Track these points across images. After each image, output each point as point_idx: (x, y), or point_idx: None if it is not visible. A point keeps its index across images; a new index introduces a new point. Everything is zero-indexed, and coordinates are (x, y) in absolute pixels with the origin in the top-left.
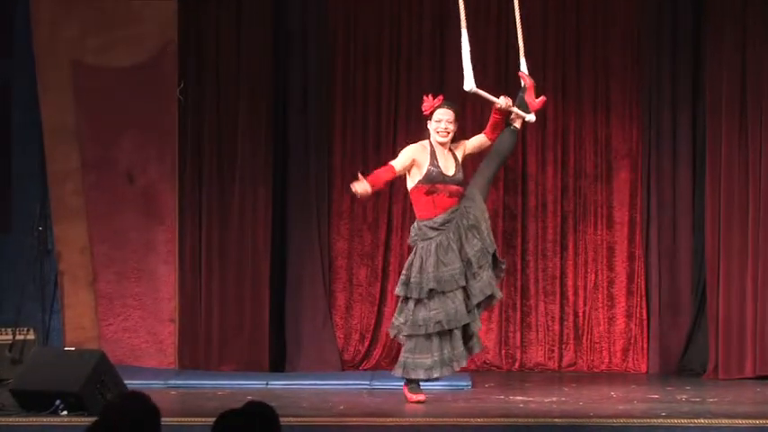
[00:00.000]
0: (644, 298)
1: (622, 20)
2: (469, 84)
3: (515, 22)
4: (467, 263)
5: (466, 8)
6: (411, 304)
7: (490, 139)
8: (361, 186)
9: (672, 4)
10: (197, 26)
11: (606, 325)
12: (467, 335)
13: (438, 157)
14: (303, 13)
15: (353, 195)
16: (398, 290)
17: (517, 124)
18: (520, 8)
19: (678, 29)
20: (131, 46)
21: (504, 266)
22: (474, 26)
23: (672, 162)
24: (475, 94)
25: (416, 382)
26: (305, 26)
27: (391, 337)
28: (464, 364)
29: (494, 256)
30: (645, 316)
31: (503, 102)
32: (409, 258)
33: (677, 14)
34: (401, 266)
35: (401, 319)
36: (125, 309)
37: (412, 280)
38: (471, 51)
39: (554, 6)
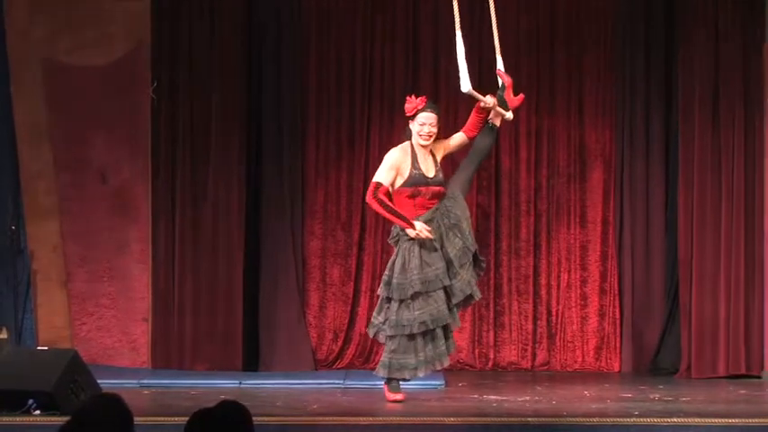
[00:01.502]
0: (617, 297)
1: (596, 20)
2: (466, 85)
3: (489, 23)
4: (449, 262)
5: (438, 9)
6: (394, 305)
7: (470, 138)
8: (416, 230)
9: (644, 5)
10: (170, 25)
11: (579, 324)
12: (446, 334)
13: (419, 160)
14: (276, 10)
15: (326, 196)
16: (381, 290)
17: (497, 122)
18: (495, 7)
19: (651, 29)
20: (104, 45)
21: (484, 265)
22: (446, 28)
23: (645, 161)
24: (470, 95)
25: (397, 380)
26: (279, 24)
27: (371, 336)
28: (446, 363)
29: (474, 254)
30: (618, 315)
31: (490, 101)
32: (391, 258)
33: (650, 15)
34: (374, 266)
35: (380, 318)
36: (98, 308)
37: (394, 281)
38: (451, 52)
39: (527, 6)
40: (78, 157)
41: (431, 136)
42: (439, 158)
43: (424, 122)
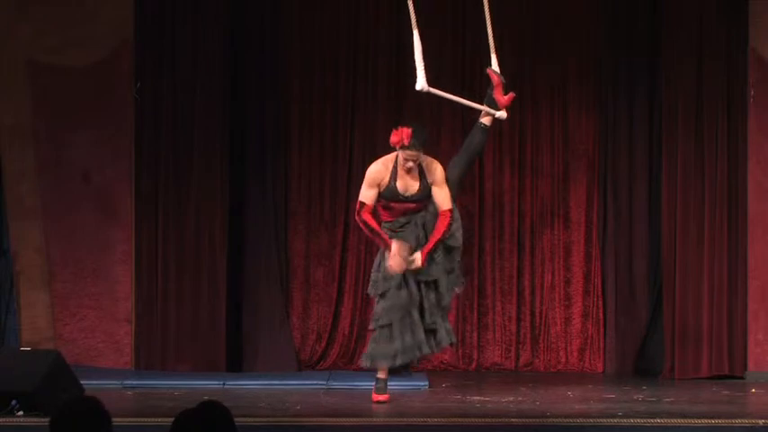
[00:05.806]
0: (600, 298)
1: (579, 20)
2: (421, 83)
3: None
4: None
5: (421, 11)
6: (376, 300)
7: None
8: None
9: (629, 6)
10: (153, 25)
11: (563, 325)
12: (428, 330)
13: (398, 177)
14: (260, 12)
15: (310, 196)
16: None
17: (486, 121)
18: (489, 6)
19: (635, 30)
20: (87, 45)
21: (458, 259)
22: (429, 34)
23: (628, 162)
24: (429, 94)
25: (384, 381)
26: (262, 26)
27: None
28: (427, 351)
29: (448, 249)
30: (601, 316)
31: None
32: None
33: (634, 15)
34: (358, 266)
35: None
36: (81, 309)
37: (371, 277)
38: (426, 54)
39: (511, 6)
40: (61, 157)
41: (411, 170)
42: (429, 177)
43: (406, 159)
